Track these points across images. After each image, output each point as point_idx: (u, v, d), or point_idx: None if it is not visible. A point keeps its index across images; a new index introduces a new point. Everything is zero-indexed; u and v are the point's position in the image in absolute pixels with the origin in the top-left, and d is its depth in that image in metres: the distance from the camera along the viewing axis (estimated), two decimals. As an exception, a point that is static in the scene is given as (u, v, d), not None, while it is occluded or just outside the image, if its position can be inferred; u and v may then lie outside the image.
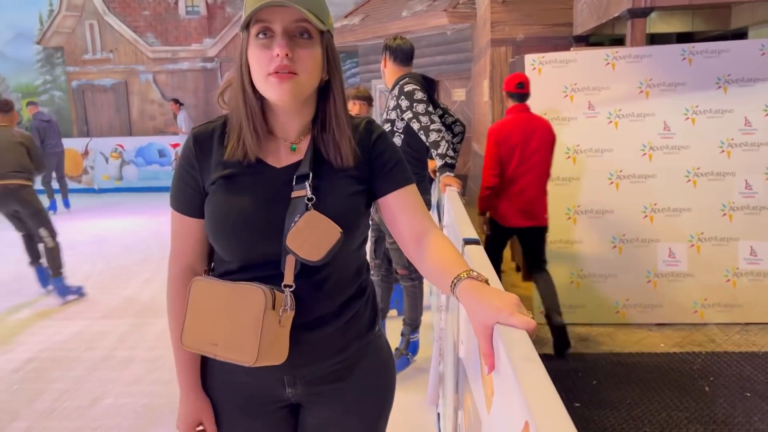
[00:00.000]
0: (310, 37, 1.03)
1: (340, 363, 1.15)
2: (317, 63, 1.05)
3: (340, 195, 1.08)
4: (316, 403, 1.18)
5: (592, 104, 3.75)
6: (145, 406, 2.89)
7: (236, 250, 1.07)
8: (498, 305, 0.82)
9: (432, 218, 1.13)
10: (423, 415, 2.70)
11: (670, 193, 3.70)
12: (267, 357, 1.02)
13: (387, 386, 1.25)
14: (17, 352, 3.58)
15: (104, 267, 5.64)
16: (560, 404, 0.57)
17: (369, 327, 1.19)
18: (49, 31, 11.36)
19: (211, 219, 1.08)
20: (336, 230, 1.02)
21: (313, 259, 1.02)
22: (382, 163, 1.12)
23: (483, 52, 6.83)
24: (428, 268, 1.06)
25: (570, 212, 3.79)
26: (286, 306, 1.03)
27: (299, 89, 1.04)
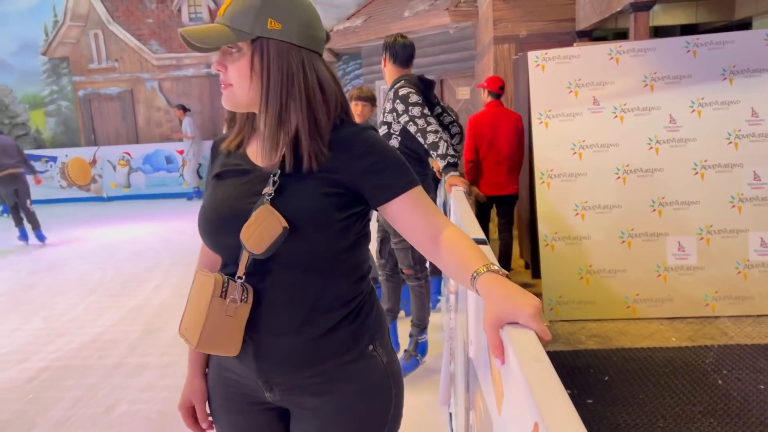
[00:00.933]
0: (239, 49, 1.06)
1: (317, 377, 1.12)
2: (243, 74, 1.06)
3: (304, 194, 1.06)
4: (299, 414, 1.17)
5: (597, 99, 3.74)
6: (159, 413, 2.91)
7: (208, 241, 1.15)
8: (521, 303, 0.82)
9: (443, 215, 1.11)
10: (435, 416, 2.71)
11: (678, 187, 3.68)
12: (212, 344, 1.08)
13: (376, 413, 1.16)
14: (32, 362, 3.61)
15: (115, 274, 5.68)
16: (570, 405, 0.57)
17: (353, 345, 1.14)
18: (54, 41, 11.43)
19: (199, 215, 1.16)
20: (279, 225, 1.02)
21: (255, 252, 1.04)
22: (376, 174, 1.08)
23: (486, 50, 6.82)
24: (447, 264, 1.05)
25: (577, 208, 3.78)
26: (236, 296, 1.06)
27: (233, 99, 1.09)
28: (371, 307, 1.18)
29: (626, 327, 3.63)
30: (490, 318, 0.83)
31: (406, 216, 1.09)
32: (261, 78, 1.06)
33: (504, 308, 0.82)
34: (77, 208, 10.37)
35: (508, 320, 0.81)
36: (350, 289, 1.14)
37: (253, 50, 1.05)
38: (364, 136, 1.11)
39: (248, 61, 1.06)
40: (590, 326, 3.67)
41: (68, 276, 5.71)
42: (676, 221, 3.69)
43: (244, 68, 1.06)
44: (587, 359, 3.18)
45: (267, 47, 1.05)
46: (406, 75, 3.06)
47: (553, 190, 3.80)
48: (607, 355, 3.22)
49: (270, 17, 1.04)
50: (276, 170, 1.08)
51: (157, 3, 11.32)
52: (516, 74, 4.87)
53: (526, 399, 0.62)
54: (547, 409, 0.56)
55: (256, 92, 1.07)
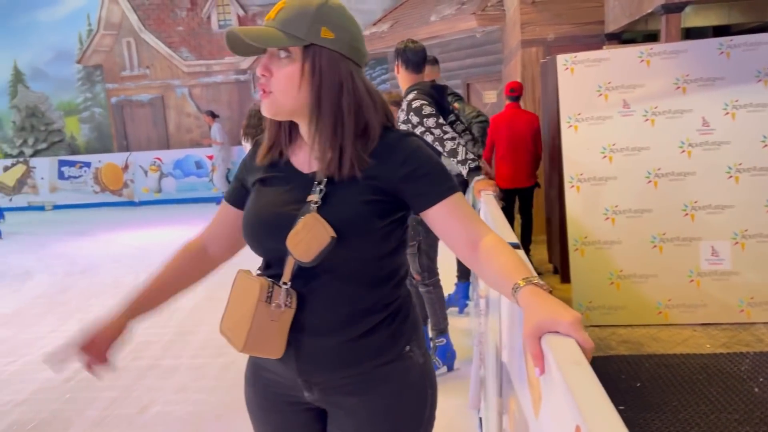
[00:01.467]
0: (289, 55, 1.06)
1: (354, 377, 1.14)
2: (292, 80, 1.06)
3: (350, 201, 1.08)
4: (337, 413, 1.18)
5: (627, 102, 3.70)
6: (191, 413, 2.96)
7: (253, 245, 1.18)
8: (562, 313, 0.82)
9: (483, 222, 1.11)
10: (465, 420, 2.70)
11: (712, 190, 3.62)
12: (256, 347, 1.10)
13: (412, 413, 1.18)
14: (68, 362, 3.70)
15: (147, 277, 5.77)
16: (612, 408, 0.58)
17: (391, 346, 1.15)
18: (88, 50, 11.72)
19: (243, 216, 1.19)
20: (327, 235, 1.03)
21: (303, 260, 1.05)
22: (417, 180, 1.09)
23: (513, 53, 6.80)
24: (486, 273, 1.05)
25: (608, 212, 3.74)
26: (281, 302, 1.08)
27: (274, 107, 1.09)
28: (408, 310, 1.20)
29: (658, 333, 3.57)
30: (530, 328, 0.83)
31: (445, 222, 1.10)
32: (312, 85, 1.06)
33: (544, 318, 0.82)
34: (110, 213, 10.60)
35: (548, 329, 0.81)
36: (390, 292, 1.16)
37: (304, 57, 1.06)
38: (406, 142, 1.12)
39: (299, 68, 1.06)
40: (621, 332, 3.62)
41: (102, 279, 5.84)
42: (709, 225, 3.63)
43: (294, 74, 1.06)
44: (618, 365, 3.14)
45: (320, 55, 1.06)
46: (419, 84, 3.04)
47: (583, 195, 3.76)
48: (638, 361, 3.18)
49: (324, 26, 1.05)
50: (321, 178, 1.09)
51: (187, 11, 11.53)
52: (544, 78, 4.85)
53: (567, 402, 0.63)
54: (590, 412, 0.57)
55: (304, 100, 1.08)
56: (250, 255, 1.23)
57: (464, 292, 4.13)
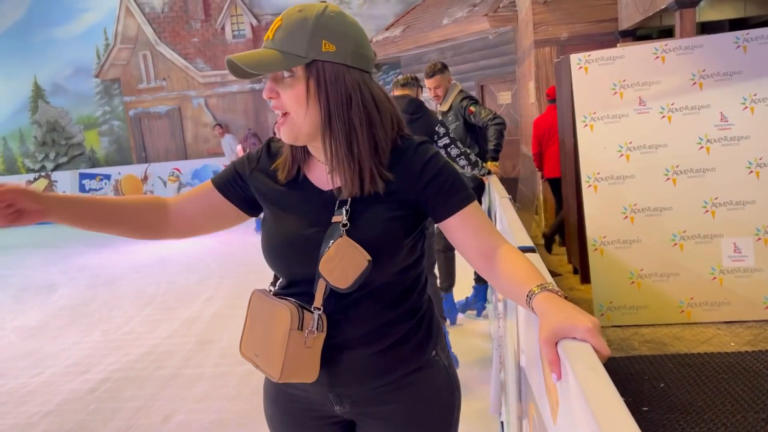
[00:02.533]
0: (292, 74, 1.03)
1: (388, 386, 1.14)
2: (299, 100, 1.03)
3: (377, 220, 1.06)
4: (367, 423, 1.18)
5: (643, 99, 3.67)
6: (213, 422, 2.98)
7: (279, 269, 1.15)
8: (579, 318, 0.80)
9: (499, 233, 1.10)
10: (486, 423, 2.69)
11: (732, 186, 3.57)
12: (293, 375, 1.06)
13: (442, 415, 1.19)
14: (92, 373, 3.75)
15: (168, 287, 5.85)
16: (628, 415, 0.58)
17: (420, 350, 1.15)
18: (106, 64, 11.90)
19: (263, 240, 1.15)
20: (364, 259, 1.01)
21: (341, 287, 1.03)
22: (437, 189, 1.08)
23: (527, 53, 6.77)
24: (501, 283, 1.03)
25: (626, 211, 3.70)
26: (313, 328, 1.05)
27: (294, 130, 1.06)
28: (432, 315, 1.20)
29: (681, 332, 3.53)
30: (546, 333, 0.82)
31: (460, 232, 1.08)
32: (319, 103, 1.03)
33: (560, 323, 0.81)
34: (130, 224, 10.71)
35: (564, 335, 0.80)
36: (415, 300, 1.16)
37: (308, 74, 1.02)
38: (421, 151, 1.10)
39: (304, 87, 1.02)
40: (643, 332, 3.58)
41: (124, 290, 5.92)
42: (730, 222, 3.58)
43: (300, 94, 1.03)
44: (641, 366, 3.10)
45: (323, 70, 1.02)
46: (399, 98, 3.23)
47: (601, 194, 3.73)
48: (662, 361, 3.14)
49: (324, 39, 1.01)
50: (344, 196, 1.07)
51: (201, 22, 11.66)
52: (558, 77, 4.82)
53: (583, 409, 0.63)
54: (605, 419, 0.57)
55: (314, 118, 1.04)
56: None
57: (482, 295, 4.11)
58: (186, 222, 1.22)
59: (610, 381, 0.64)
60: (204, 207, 1.21)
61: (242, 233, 8.68)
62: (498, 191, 2.78)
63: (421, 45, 8.94)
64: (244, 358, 1.16)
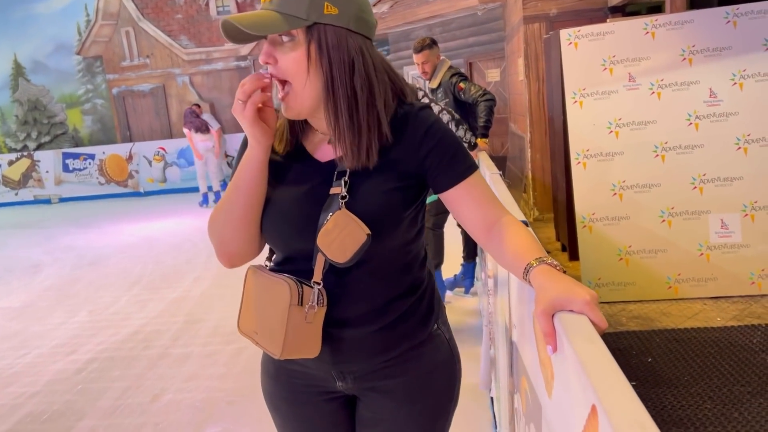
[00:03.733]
0: (292, 38, 0.98)
1: (391, 360, 1.13)
2: (299, 65, 0.98)
3: (376, 192, 1.03)
4: (370, 397, 1.17)
5: (633, 76, 3.65)
6: (203, 401, 2.98)
7: (276, 243, 1.11)
8: (577, 291, 0.79)
9: (500, 204, 1.07)
10: (476, 399, 2.71)
11: (720, 162, 3.57)
12: (295, 351, 1.04)
13: (445, 387, 1.19)
14: (79, 353, 3.72)
15: (155, 267, 5.80)
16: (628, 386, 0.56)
17: (422, 325, 1.14)
18: (87, 41, 11.66)
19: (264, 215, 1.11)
20: (363, 233, 0.98)
21: (339, 261, 1.00)
22: (438, 158, 1.04)
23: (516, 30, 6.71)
24: (501, 255, 1.01)
25: (615, 188, 3.70)
26: (314, 303, 1.03)
27: (297, 103, 1.02)
28: (432, 289, 1.19)
29: (668, 308, 3.55)
30: (542, 305, 0.80)
31: (462, 203, 1.06)
32: (321, 68, 0.98)
33: (557, 296, 0.79)
34: (115, 204, 10.62)
35: (561, 308, 0.79)
36: (417, 274, 1.14)
37: (309, 38, 0.97)
38: (421, 118, 1.06)
39: (304, 51, 0.98)
40: (631, 308, 3.61)
41: (110, 270, 5.87)
42: (718, 198, 3.59)
43: (301, 59, 0.98)
44: (629, 341, 3.13)
45: (324, 34, 0.97)
46: None
47: (590, 171, 3.72)
48: (649, 337, 3.16)
49: (326, 1, 0.96)
50: (343, 167, 1.04)
51: (185, -2, 11.44)
52: (548, 54, 4.78)
53: (581, 382, 0.61)
54: (605, 391, 0.55)
55: (315, 85, 1.00)
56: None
57: (471, 273, 4.12)
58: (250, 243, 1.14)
59: (609, 353, 0.63)
60: None
61: (229, 213, 8.62)
62: (488, 167, 2.76)
63: (409, 21, 8.84)
64: (242, 335, 1.14)
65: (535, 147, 6.06)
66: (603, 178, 3.70)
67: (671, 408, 2.47)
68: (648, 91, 3.63)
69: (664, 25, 3.59)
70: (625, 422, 0.50)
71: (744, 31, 3.50)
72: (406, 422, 1.16)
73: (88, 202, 11.07)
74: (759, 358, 2.79)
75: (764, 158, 3.52)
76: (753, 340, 2.98)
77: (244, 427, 2.70)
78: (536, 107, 6.01)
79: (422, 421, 1.17)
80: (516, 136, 7.09)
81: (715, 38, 3.54)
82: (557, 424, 0.78)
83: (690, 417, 2.39)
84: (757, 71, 3.50)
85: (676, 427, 2.34)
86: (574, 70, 3.76)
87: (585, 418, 0.60)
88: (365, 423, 1.20)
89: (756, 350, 2.87)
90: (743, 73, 3.52)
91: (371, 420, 1.18)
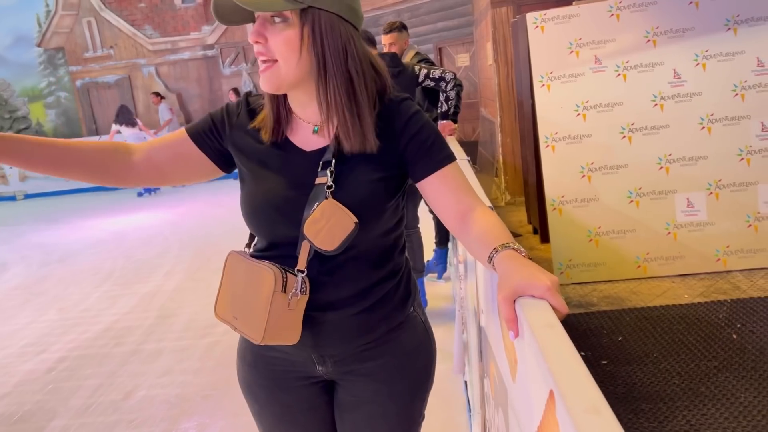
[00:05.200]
0: (284, 19, 0.98)
1: (371, 343, 1.14)
2: (291, 47, 0.98)
3: (361, 181, 1.04)
4: (350, 381, 1.18)
5: (599, 58, 3.68)
6: (177, 396, 2.95)
7: (261, 231, 1.11)
8: (538, 276, 0.79)
9: (476, 194, 1.08)
10: (450, 384, 2.72)
11: (685, 142, 3.63)
12: (275, 337, 1.05)
13: (422, 367, 1.22)
14: (49, 352, 3.65)
15: (126, 262, 5.71)
16: (585, 371, 0.56)
17: (401, 308, 1.16)
18: (48, 32, 11.35)
19: (243, 201, 1.12)
20: (350, 221, 1.00)
21: (327, 249, 1.02)
22: (417, 147, 1.06)
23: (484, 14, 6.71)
24: (470, 244, 1.03)
25: (584, 170, 3.74)
26: (297, 290, 1.04)
27: (278, 78, 1.01)
28: (409, 272, 1.21)
29: (638, 287, 3.62)
30: (504, 290, 0.80)
31: (438, 192, 1.07)
32: (315, 52, 0.99)
33: (519, 282, 0.80)
34: (84, 199, 10.41)
35: (523, 293, 0.79)
36: (397, 260, 1.16)
37: (303, 21, 0.97)
38: (402, 109, 1.08)
39: (298, 33, 0.98)
40: (602, 288, 3.66)
41: (80, 266, 5.76)
42: (684, 178, 3.65)
43: (293, 41, 0.98)
44: (600, 321, 3.18)
45: (319, 18, 0.97)
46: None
47: (559, 154, 3.76)
48: (619, 316, 3.22)
49: None
50: (328, 157, 1.04)
51: (148, -13, 11.19)
52: (515, 37, 4.79)
53: (540, 367, 0.61)
54: (562, 376, 0.55)
55: (304, 68, 1.00)
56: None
57: (443, 258, 4.13)
58: (153, 169, 1.14)
59: (567, 337, 0.63)
60: (175, 155, 1.14)
61: (202, 205, 8.53)
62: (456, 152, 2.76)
63: (377, 6, 8.79)
64: (219, 320, 1.15)
65: (505, 131, 6.08)
66: (572, 161, 3.74)
67: (641, 384, 2.52)
68: (614, 73, 3.67)
69: (628, 7, 3.62)
70: (580, 406, 0.50)
71: (706, 12, 3.55)
72: (387, 402, 1.18)
73: (54, 198, 10.84)
74: (725, 333, 2.86)
75: (727, 137, 3.59)
76: (719, 316, 3.05)
77: (219, 421, 2.68)
78: (506, 91, 6.02)
79: (402, 401, 1.19)
80: (487, 120, 7.11)
81: (678, 19, 3.58)
82: (521, 408, 0.78)
83: (659, 392, 2.44)
84: (719, 51, 3.56)
85: (645, 402, 2.39)
86: (541, 53, 3.77)
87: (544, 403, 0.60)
88: (345, 407, 1.21)
89: (722, 325, 2.94)
90: (706, 54, 3.57)
91: (352, 403, 1.19)
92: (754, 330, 2.86)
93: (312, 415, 1.23)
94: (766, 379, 2.44)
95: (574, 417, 0.49)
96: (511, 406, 0.89)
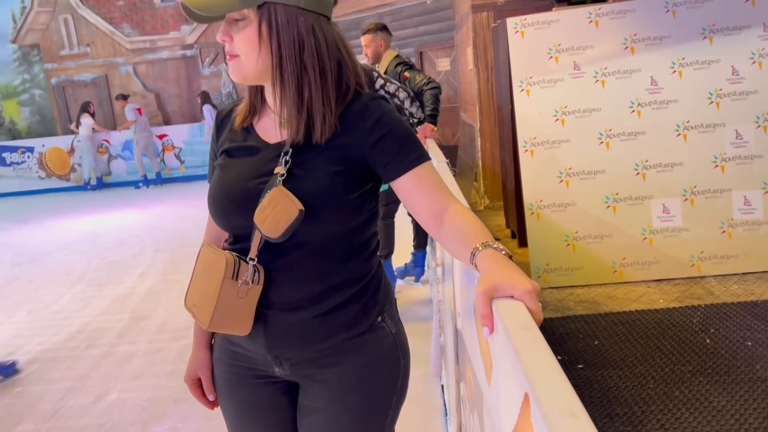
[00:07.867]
0: (244, 18, 1.01)
1: (328, 350, 1.12)
2: (251, 42, 1.01)
3: (317, 173, 1.03)
4: (308, 386, 1.17)
5: (578, 64, 3.70)
6: (149, 400, 2.89)
7: (219, 220, 1.12)
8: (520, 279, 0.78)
9: (450, 192, 1.07)
10: (427, 388, 2.71)
11: (662, 149, 3.68)
12: (223, 325, 1.06)
13: (385, 382, 1.17)
14: (18, 355, 3.56)
15: (99, 263, 5.61)
16: (560, 374, 0.55)
17: (363, 318, 1.12)
18: (23, 28, 11.14)
19: (208, 193, 1.14)
20: (295, 208, 0.99)
21: (271, 236, 1.01)
22: (388, 147, 1.05)
23: (464, 19, 6.74)
24: (448, 243, 1.01)
25: (562, 175, 3.76)
26: (248, 279, 1.04)
27: (242, 71, 1.04)
28: (380, 281, 1.17)
29: (614, 291, 3.65)
30: (484, 287, 0.79)
31: (412, 193, 1.06)
32: (270, 47, 1.01)
33: (500, 280, 0.79)
34: (57, 198, 10.22)
35: (502, 292, 0.78)
36: (362, 265, 1.13)
37: (260, 17, 0.99)
38: (373, 107, 1.06)
39: (255, 30, 1.00)
40: (578, 292, 3.68)
41: (52, 267, 5.64)
42: (660, 184, 3.69)
43: (252, 37, 1.00)
44: (576, 325, 3.19)
45: (275, 13, 0.99)
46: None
47: (537, 158, 3.77)
48: (596, 320, 3.24)
49: None
50: (287, 148, 1.05)
51: (126, -16, 11.05)
52: (495, 43, 4.81)
53: (515, 369, 0.60)
54: (537, 379, 0.54)
55: (266, 62, 1.02)
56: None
57: (421, 261, 4.13)
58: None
59: (543, 339, 0.62)
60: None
61: (176, 206, 8.42)
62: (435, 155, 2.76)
63: (358, 10, 8.78)
64: (186, 310, 1.15)
65: (485, 136, 6.11)
66: (550, 166, 3.76)
67: (616, 388, 2.53)
68: (592, 79, 3.70)
69: (607, 14, 3.66)
70: (555, 410, 0.49)
71: (683, 20, 3.60)
72: (341, 414, 1.14)
73: (27, 198, 10.62)
74: (698, 338, 2.89)
75: (702, 144, 3.64)
76: (693, 321, 3.09)
77: (191, 425, 2.63)
78: (485, 96, 6.05)
79: (358, 415, 1.15)
80: (467, 125, 7.14)
81: (655, 27, 3.62)
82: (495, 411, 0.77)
83: (634, 396, 2.45)
84: (695, 59, 3.61)
85: (620, 406, 2.40)
86: (520, 58, 3.79)
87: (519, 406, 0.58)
88: (304, 411, 1.19)
89: (696, 330, 2.97)
90: (682, 61, 3.62)
91: (309, 408, 1.17)
92: (727, 335, 2.89)
93: (273, 413, 1.22)
94: (738, 383, 2.46)
95: (549, 420, 0.48)
96: (486, 409, 0.87)
